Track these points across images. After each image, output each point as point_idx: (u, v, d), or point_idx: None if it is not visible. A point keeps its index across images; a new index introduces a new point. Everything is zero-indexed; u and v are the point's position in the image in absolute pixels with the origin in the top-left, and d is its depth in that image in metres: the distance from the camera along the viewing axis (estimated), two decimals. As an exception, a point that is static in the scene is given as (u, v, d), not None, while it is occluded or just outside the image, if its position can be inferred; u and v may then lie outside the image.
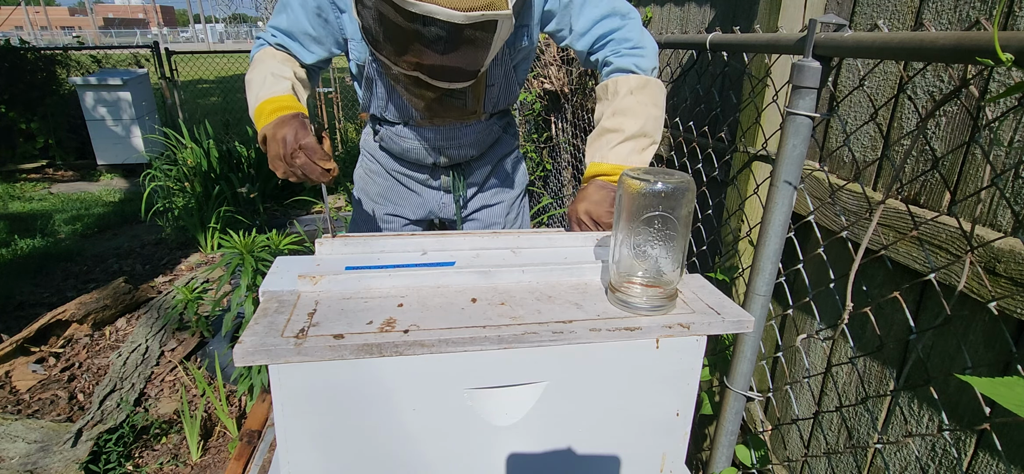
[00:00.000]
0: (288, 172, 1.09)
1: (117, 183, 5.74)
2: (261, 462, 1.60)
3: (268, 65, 1.20)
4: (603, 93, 1.23)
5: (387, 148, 1.45)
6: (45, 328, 2.69)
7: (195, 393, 2.41)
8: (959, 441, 1.03)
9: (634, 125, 1.16)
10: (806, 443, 1.42)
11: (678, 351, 0.81)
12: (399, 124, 1.37)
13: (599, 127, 1.20)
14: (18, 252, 3.81)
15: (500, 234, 1.07)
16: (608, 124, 1.18)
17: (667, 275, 0.81)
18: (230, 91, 7.57)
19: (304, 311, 0.78)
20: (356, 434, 0.76)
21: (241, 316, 2.25)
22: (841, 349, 1.31)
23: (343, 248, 0.99)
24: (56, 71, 6.21)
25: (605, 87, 1.22)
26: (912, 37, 0.80)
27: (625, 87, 1.18)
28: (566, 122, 3.37)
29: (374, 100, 1.32)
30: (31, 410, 2.28)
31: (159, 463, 2.05)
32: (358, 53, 1.25)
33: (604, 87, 1.23)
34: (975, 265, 0.93)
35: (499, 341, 0.73)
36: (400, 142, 1.39)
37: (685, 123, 1.96)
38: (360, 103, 1.37)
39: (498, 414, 0.80)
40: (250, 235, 2.24)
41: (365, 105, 1.36)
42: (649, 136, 1.18)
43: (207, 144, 4.22)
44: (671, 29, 2.26)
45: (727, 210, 1.62)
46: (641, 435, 0.86)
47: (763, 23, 1.43)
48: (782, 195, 1.04)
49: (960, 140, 1.04)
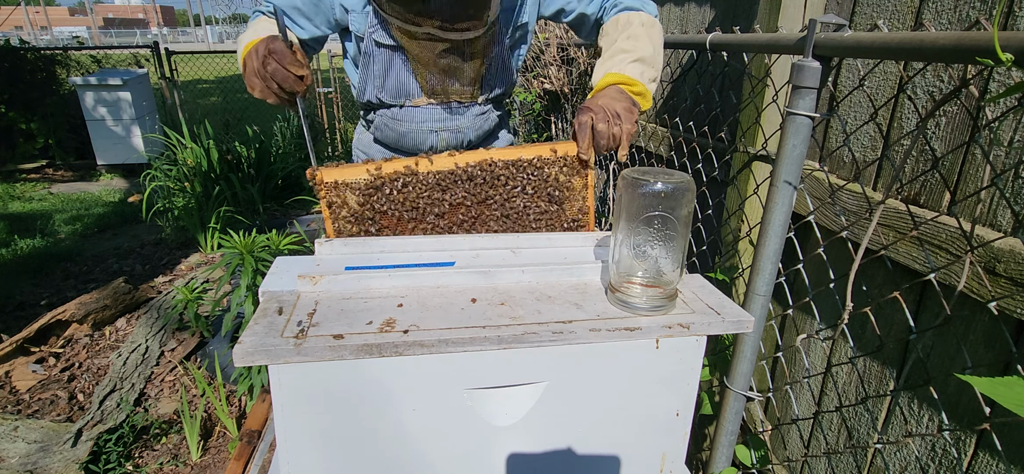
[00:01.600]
0: (264, 89, 1.07)
1: (117, 183, 5.74)
2: (261, 462, 1.60)
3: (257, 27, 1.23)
4: (614, 26, 1.28)
5: (382, 139, 1.46)
6: (45, 328, 2.69)
7: (195, 393, 2.41)
8: (959, 441, 1.03)
9: (646, 50, 1.21)
10: (806, 443, 1.42)
11: (678, 351, 0.81)
12: (395, 106, 1.37)
13: (614, 48, 1.23)
14: (18, 252, 3.80)
15: (500, 234, 1.07)
16: (623, 45, 1.22)
17: (667, 275, 0.81)
18: (230, 91, 7.58)
19: (304, 311, 0.78)
20: (356, 434, 0.76)
21: (241, 316, 2.25)
22: (841, 349, 1.31)
23: (343, 248, 0.99)
24: (56, 71, 6.21)
25: (616, 21, 1.28)
26: (912, 37, 0.80)
27: (637, 20, 1.25)
28: (566, 122, 3.37)
29: (370, 80, 1.33)
30: (31, 410, 2.28)
31: (159, 463, 2.05)
32: (358, 24, 1.26)
33: (615, 21, 1.28)
34: (975, 265, 0.93)
35: (499, 341, 0.73)
36: (396, 127, 1.39)
37: (685, 123, 1.96)
38: (355, 91, 1.38)
39: (498, 414, 0.80)
40: (250, 235, 2.24)
41: (361, 89, 1.36)
42: (655, 68, 1.24)
43: (207, 144, 4.22)
44: (671, 29, 2.26)
45: (727, 210, 1.62)
46: (641, 435, 0.86)
47: (763, 23, 1.43)
48: (782, 195, 1.04)
49: (960, 140, 1.04)
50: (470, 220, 1.10)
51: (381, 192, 1.05)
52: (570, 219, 1.14)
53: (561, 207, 1.13)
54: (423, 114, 1.36)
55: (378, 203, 1.05)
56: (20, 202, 4.99)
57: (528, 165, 1.09)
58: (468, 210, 1.09)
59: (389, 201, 1.05)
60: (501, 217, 1.11)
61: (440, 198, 1.07)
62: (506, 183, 1.09)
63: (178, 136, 4.23)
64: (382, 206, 1.06)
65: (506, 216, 1.11)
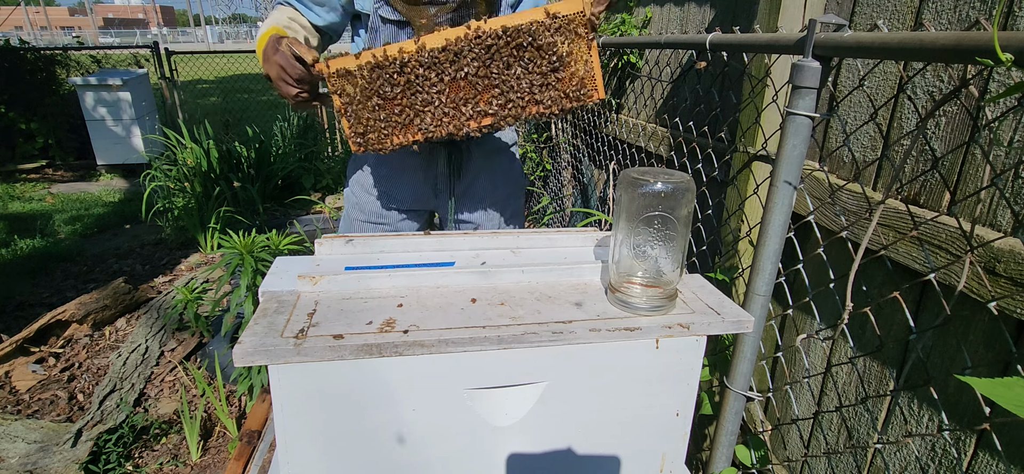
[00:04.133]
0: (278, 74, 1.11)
1: (117, 183, 5.73)
2: (261, 462, 1.60)
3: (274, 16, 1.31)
4: None
5: None
6: (45, 328, 2.69)
7: (195, 393, 2.41)
8: (959, 441, 1.03)
9: None
10: (806, 443, 1.42)
11: (678, 351, 0.81)
12: None
13: None
14: (18, 252, 3.80)
15: (500, 234, 1.07)
16: None
17: (667, 275, 0.81)
18: (230, 91, 7.57)
19: (304, 311, 0.78)
20: (356, 434, 0.76)
21: (241, 316, 2.24)
22: (841, 349, 1.31)
23: (343, 248, 0.99)
24: (56, 71, 6.21)
25: None
26: (912, 37, 0.80)
27: None
28: (566, 122, 3.37)
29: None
30: (31, 410, 2.28)
31: (159, 463, 2.05)
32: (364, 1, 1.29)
33: None
34: (975, 265, 0.93)
35: (499, 341, 0.73)
36: None
37: (685, 123, 1.96)
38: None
39: (498, 414, 0.80)
40: (250, 235, 2.24)
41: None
42: None
43: (207, 144, 4.22)
44: (671, 29, 2.26)
45: (727, 210, 1.62)
46: (641, 435, 0.86)
47: (763, 23, 1.43)
48: (782, 195, 1.04)
49: (960, 140, 1.04)
50: (471, 97, 1.06)
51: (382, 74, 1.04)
52: (575, 88, 1.06)
53: (561, 74, 1.06)
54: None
55: (381, 88, 1.05)
56: (20, 202, 4.99)
57: (523, 33, 1.02)
58: (472, 84, 1.06)
59: (390, 83, 1.05)
60: (502, 91, 1.06)
61: (437, 78, 1.05)
62: (503, 53, 1.03)
63: (178, 136, 4.23)
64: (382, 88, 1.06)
65: (508, 88, 1.06)
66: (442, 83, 1.05)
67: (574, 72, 1.05)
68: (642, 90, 2.41)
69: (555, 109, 1.07)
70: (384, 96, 1.06)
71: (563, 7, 1.01)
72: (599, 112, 2.79)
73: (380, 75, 1.04)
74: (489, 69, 1.04)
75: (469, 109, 1.07)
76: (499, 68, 1.04)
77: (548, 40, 1.02)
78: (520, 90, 1.06)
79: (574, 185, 3.36)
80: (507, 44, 1.02)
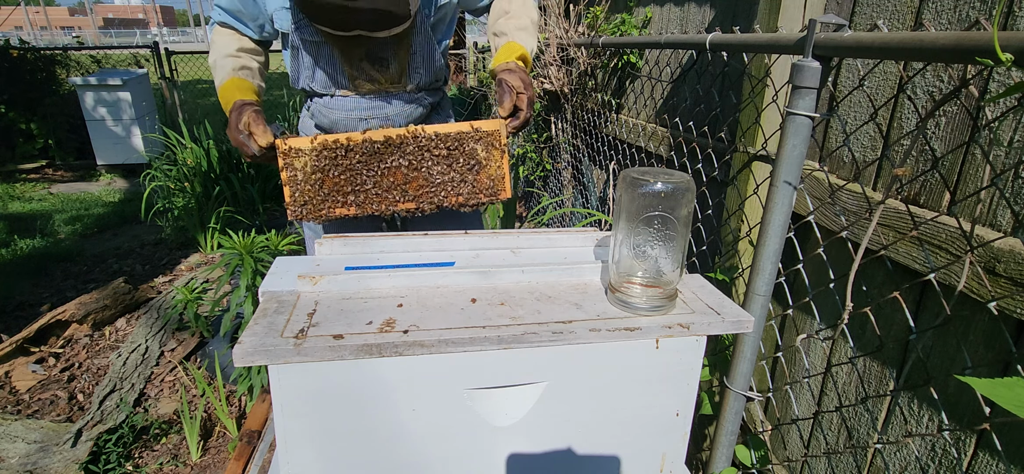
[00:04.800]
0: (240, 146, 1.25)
1: (117, 183, 5.73)
2: (261, 462, 1.60)
3: (218, 47, 1.39)
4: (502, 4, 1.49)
5: (320, 124, 1.50)
6: (45, 328, 2.69)
7: (195, 393, 2.41)
8: (959, 441, 1.03)
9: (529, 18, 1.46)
10: (806, 443, 1.42)
11: (678, 351, 0.81)
12: (326, 95, 1.42)
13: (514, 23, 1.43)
14: (18, 252, 3.80)
15: (500, 234, 1.07)
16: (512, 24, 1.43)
17: (667, 275, 0.81)
18: (230, 91, 7.54)
19: (304, 311, 0.78)
20: (356, 434, 0.76)
21: (241, 316, 2.24)
22: (841, 349, 1.31)
23: (343, 248, 0.99)
24: (56, 71, 6.20)
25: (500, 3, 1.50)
26: (912, 37, 0.80)
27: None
28: (566, 122, 3.37)
29: (302, 70, 1.39)
30: (31, 410, 2.28)
31: (159, 463, 2.05)
32: (282, 21, 1.33)
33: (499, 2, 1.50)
34: (975, 265, 0.93)
35: (499, 341, 0.73)
36: (329, 114, 1.44)
37: (685, 123, 1.96)
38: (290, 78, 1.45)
39: (498, 414, 0.80)
40: (250, 235, 2.24)
41: (293, 77, 1.41)
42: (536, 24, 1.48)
43: (207, 144, 4.21)
44: (671, 29, 2.26)
45: (727, 210, 1.62)
46: (641, 435, 0.86)
47: (763, 23, 1.43)
48: (782, 195, 1.04)
49: (960, 140, 1.04)
50: (401, 184, 1.24)
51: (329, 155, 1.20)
52: (486, 185, 1.27)
53: (478, 175, 1.27)
54: (352, 103, 1.41)
55: (323, 166, 1.21)
56: (20, 202, 4.99)
57: (451, 139, 1.22)
58: (403, 174, 1.24)
59: (333, 165, 1.21)
60: (427, 183, 1.25)
61: (376, 165, 1.22)
62: (433, 153, 1.23)
63: (178, 136, 4.23)
64: (326, 168, 1.21)
65: (432, 182, 1.25)
66: (378, 171, 1.23)
67: (488, 173, 1.26)
68: (642, 90, 2.41)
69: (471, 201, 1.27)
70: (326, 174, 1.21)
71: (486, 125, 1.24)
72: (599, 112, 2.80)
73: (327, 155, 1.20)
74: (420, 163, 1.23)
75: (397, 194, 1.25)
76: (428, 164, 1.23)
77: (471, 146, 1.23)
78: (443, 183, 1.25)
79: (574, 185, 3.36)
80: (437, 145, 1.22)
